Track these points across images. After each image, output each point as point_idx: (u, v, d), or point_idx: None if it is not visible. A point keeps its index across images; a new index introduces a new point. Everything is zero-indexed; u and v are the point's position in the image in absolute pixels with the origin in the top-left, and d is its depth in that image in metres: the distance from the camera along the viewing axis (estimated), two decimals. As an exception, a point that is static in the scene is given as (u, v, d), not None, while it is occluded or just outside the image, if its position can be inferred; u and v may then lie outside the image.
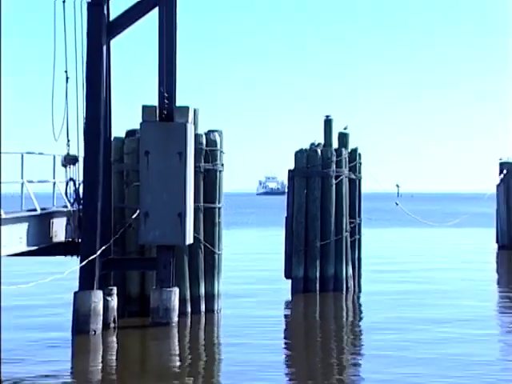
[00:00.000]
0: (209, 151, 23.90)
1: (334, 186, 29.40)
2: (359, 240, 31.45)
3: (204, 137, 23.84)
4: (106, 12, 21.86)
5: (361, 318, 25.67)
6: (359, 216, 31.40)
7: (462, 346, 20.52)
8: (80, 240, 21.84)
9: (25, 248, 20.57)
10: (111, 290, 21.72)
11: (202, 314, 23.32)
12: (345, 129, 30.86)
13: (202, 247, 23.59)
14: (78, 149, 22.15)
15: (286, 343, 21.52)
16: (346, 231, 29.73)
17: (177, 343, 20.61)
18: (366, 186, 32.05)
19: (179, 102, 22.12)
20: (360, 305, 27.84)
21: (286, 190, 30.70)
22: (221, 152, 24.45)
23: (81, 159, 22.12)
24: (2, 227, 19.31)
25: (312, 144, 29.75)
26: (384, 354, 19.21)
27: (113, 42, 22.33)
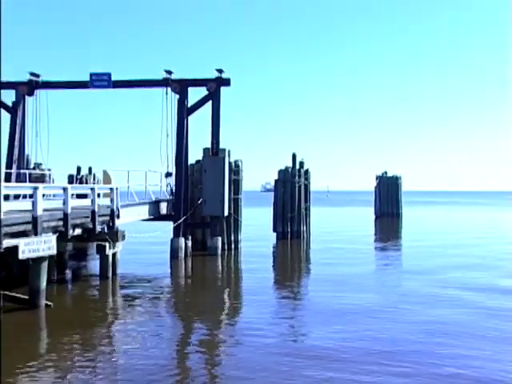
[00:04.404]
0: (235, 170, 24.10)
1: (296, 188, 29.70)
2: (309, 213, 30.75)
3: (233, 163, 23.98)
4: (186, 103, 22.26)
5: (309, 248, 26.42)
6: (309, 201, 30.67)
7: (355, 256, 22.06)
8: (173, 213, 22.31)
9: (147, 217, 21.34)
10: (188, 237, 22.09)
11: (233, 250, 23.46)
12: (302, 159, 30.79)
13: (232, 217, 23.74)
14: (173, 168, 22.47)
15: (272, 264, 22.34)
16: (303, 209, 29.89)
17: (220, 264, 20.64)
18: (313, 187, 32.37)
19: (221, 145, 22.33)
20: (309, 244, 27.83)
21: (274, 189, 30.95)
22: (241, 170, 24.51)
23: (174, 174, 22.48)
24: (138, 207, 20.34)
25: (286, 167, 30.14)
26: (323, 262, 20.84)
27: (190, 117, 22.52)
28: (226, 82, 22.20)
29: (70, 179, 28.40)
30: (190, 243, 22.12)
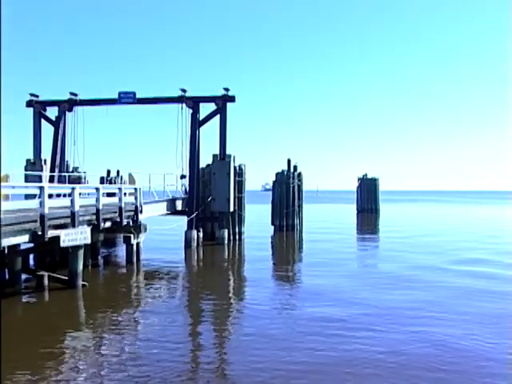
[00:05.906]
0: (239, 172, 23.99)
1: (291, 188, 29.71)
2: (301, 210, 30.32)
3: (238, 166, 23.90)
4: (198, 116, 22.37)
5: (301, 238, 26.36)
6: (301, 199, 30.27)
7: (336, 240, 22.88)
8: (187, 209, 22.34)
9: (165, 212, 21.28)
10: (199, 230, 22.09)
11: (237, 240, 23.41)
12: (295, 164, 30.81)
13: (237, 212, 23.60)
14: (187, 171, 22.57)
15: (271, 250, 22.24)
16: (296, 206, 29.84)
17: (226, 251, 20.56)
18: (304, 187, 32.16)
19: (227, 152, 22.41)
20: (302, 235, 27.70)
21: (272, 189, 30.99)
22: (244, 173, 24.34)
23: (187, 176, 22.60)
24: (158, 204, 20.23)
25: (282, 170, 30.19)
26: (312, 248, 20.85)
27: (201, 128, 22.54)
28: (232, 99, 22.35)
29: (101, 180, 28.85)
30: (201, 234, 22.22)
